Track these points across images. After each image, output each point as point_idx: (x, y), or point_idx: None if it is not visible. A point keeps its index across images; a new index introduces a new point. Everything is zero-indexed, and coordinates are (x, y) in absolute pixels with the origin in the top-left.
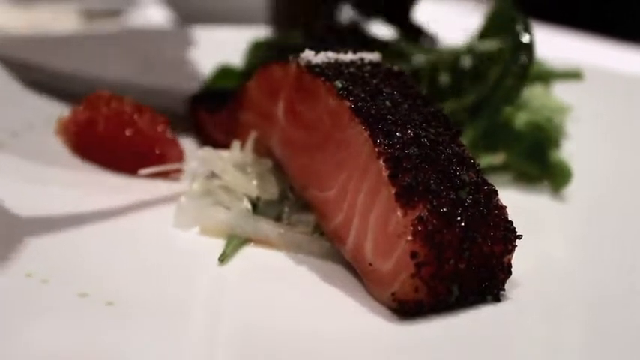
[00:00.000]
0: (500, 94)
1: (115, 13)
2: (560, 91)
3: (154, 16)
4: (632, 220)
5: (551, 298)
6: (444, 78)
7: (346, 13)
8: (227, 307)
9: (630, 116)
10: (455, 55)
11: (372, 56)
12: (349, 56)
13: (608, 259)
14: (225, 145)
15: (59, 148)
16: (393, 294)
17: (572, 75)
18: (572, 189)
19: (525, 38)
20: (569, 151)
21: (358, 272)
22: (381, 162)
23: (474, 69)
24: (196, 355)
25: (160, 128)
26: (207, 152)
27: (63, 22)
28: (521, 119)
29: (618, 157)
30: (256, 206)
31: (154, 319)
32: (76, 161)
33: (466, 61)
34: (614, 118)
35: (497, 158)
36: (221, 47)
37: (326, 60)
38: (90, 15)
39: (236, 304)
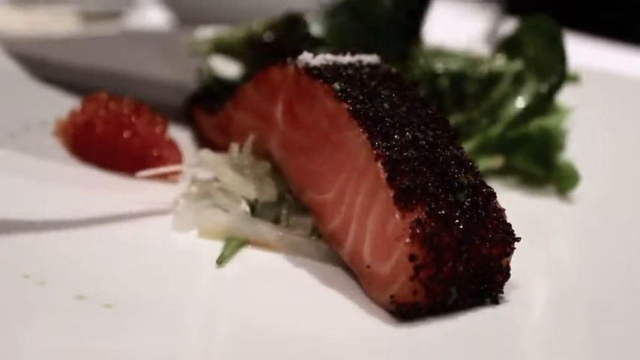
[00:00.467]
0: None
1: (114, 14)
2: (560, 93)
3: (154, 17)
4: (636, 222)
5: (550, 301)
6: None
7: None
8: (225, 310)
9: (630, 118)
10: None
11: (371, 58)
12: (347, 58)
13: (610, 261)
14: (224, 147)
15: (57, 149)
16: (391, 297)
17: (570, 78)
18: (574, 191)
19: (564, 66)
20: (570, 154)
21: (356, 275)
22: (379, 164)
23: (488, 78)
24: (195, 357)
25: (158, 130)
26: (206, 154)
27: (62, 23)
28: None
29: (619, 159)
30: (254, 208)
31: (152, 322)
32: (74, 163)
33: (480, 70)
34: (613, 121)
35: (495, 161)
36: None
37: (324, 62)
38: (89, 17)
39: (234, 307)
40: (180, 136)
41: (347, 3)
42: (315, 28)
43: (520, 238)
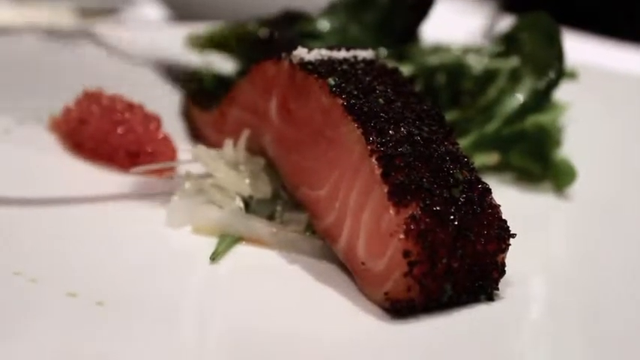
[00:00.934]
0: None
1: (110, 10)
2: (557, 90)
3: (150, 14)
4: (632, 219)
5: (546, 297)
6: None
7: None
8: (219, 307)
9: (626, 115)
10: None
11: (366, 53)
12: (342, 53)
13: (607, 258)
14: (219, 144)
15: (50, 145)
16: (385, 293)
17: (567, 75)
18: (571, 188)
19: (562, 63)
20: (567, 150)
21: (351, 271)
22: (374, 160)
23: (484, 74)
24: (187, 355)
25: (152, 126)
26: (200, 150)
27: (59, 19)
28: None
29: (616, 156)
30: (249, 205)
31: (144, 320)
32: (67, 159)
33: (476, 65)
34: (610, 117)
35: (491, 158)
36: None
37: (319, 57)
38: (86, 13)
39: (228, 304)
40: (175, 132)
41: (344, 1)
42: (312, 26)
43: (516, 235)
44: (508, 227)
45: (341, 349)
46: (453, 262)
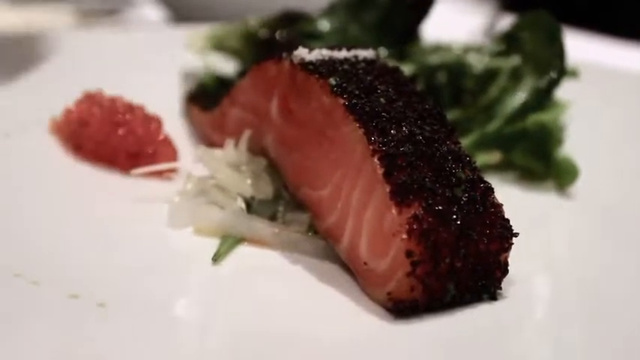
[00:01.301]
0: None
1: (110, 12)
2: (558, 88)
3: (150, 15)
4: (634, 217)
5: (549, 297)
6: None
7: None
8: (221, 308)
9: (628, 113)
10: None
11: (367, 53)
12: (343, 53)
13: (609, 256)
14: (220, 144)
15: (52, 147)
16: (388, 293)
17: (569, 73)
18: (573, 186)
19: (563, 62)
20: (568, 149)
21: (353, 272)
22: (376, 160)
23: (485, 73)
24: (190, 356)
25: (152, 127)
26: (202, 151)
27: (59, 21)
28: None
29: (618, 154)
30: (250, 205)
31: (146, 321)
32: (68, 161)
33: (477, 64)
34: (612, 115)
35: (493, 157)
36: None
37: (320, 57)
38: (86, 14)
39: (230, 305)
40: (176, 133)
41: (344, 1)
42: (313, 26)
43: (518, 234)
44: (511, 226)
45: (344, 350)
46: (456, 262)
